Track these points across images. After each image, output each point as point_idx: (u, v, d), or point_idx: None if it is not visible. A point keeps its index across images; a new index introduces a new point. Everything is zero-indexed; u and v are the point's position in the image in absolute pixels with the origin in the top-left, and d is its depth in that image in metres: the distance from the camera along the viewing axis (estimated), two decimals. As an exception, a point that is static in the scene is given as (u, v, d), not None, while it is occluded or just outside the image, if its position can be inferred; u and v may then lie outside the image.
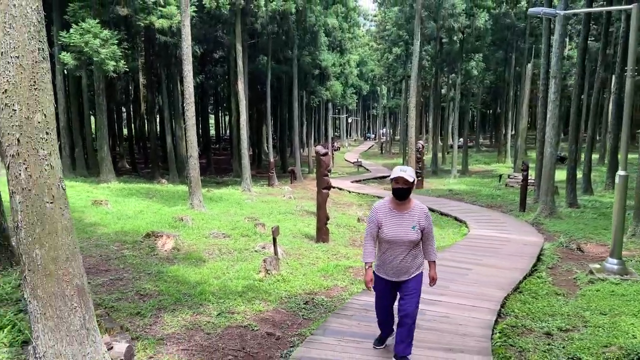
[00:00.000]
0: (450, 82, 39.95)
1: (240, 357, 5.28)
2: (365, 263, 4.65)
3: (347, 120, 76.05)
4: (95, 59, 19.38)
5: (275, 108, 46.00)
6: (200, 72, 36.78)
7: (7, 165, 3.78)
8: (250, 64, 33.91)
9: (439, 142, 45.81)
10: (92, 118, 30.90)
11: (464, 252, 10.17)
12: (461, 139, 41.53)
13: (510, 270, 8.57)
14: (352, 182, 30.97)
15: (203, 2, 21.99)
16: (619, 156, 13.11)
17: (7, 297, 6.26)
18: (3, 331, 5.27)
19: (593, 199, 20.63)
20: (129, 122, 48.61)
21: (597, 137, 34.33)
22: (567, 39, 39.44)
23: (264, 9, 22.14)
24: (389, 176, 21.34)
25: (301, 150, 41.33)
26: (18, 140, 3.68)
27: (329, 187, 12.14)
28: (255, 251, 9.77)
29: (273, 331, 5.99)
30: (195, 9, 22.05)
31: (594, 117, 20.64)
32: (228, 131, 62.61)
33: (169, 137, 30.19)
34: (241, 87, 23.15)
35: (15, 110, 3.67)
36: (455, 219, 16.05)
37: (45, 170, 3.78)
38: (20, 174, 3.71)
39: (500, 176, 29.74)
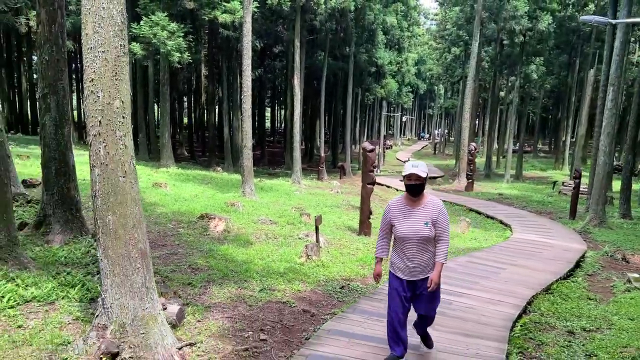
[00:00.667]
0: (509, 84, 39.16)
1: (277, 328, 5.84)
2: (376, 257, 4.70)
3: (401, 118, 75.60)
4: (162, 50, 20.58)
5: (330, 104, 46.56)
6: (259, 65, 37.84)
7: (89, 143, 4.48)
8: (308, 60, 34.61)
9: (495, 145, 45.00)
10: (156, 106, 32.54)
11: (502, 253, 10.35)
12: (517, 144, 40.69)
13: (544, 272, 8.72)
14: (401, 180, 31.09)
15: (265, 0, 22.79)
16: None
17: (77, 261, 7.10)
18: (75, 288, 6.06)
19: (651, 212, 19.97)
20: (189, 111, 50.54)
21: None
22: (637, 45, 37.81)
23: (323, 6, 22.69)
24: (439, 177, 21.78)
25: (353, 147, 41.73)
26: (100, 122, 4.37)
27: (373, 182, 12.54)
28: (299, 238, 10.34)
29: (309, 309, 6.52)
30: (258, 5, 22.87)
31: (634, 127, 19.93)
32: (283, 125, 63.80)
33: (226, 128, 31.37)
34: (297, 82, 23.84)
35: (99, 96, 4.35)
36: (501, 222, 16.06)
37: (121, 149, 4.45)
38: (100, 151, 4.40)
39: (555, 183, 29.08)
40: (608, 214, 18.72)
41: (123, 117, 4.45)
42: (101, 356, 4.21)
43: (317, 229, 9.45)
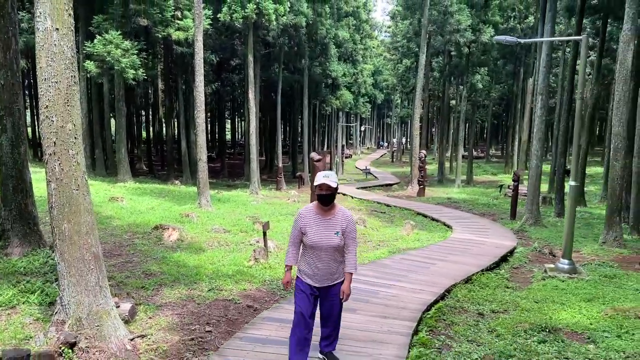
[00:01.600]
0: (458, 93, 41.01)
1: (222, 321, 6.54)
2: (286, 265, 4.75)
3: (359, 128, 77.21)
4: (116, 67, 20.99)
5: (289, 115, 47.43)
6: (216, 79, 38.40)
7: (45, 161, 5.12)
8: (265, 73, 35.43)
9: (449, 152, 46.78)
10: (113, 121, 32.56)
11: (436, 251, 11.33)
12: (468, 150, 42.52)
13: (470, 266, 9.72)
14: (358, 188, 32.14)
15: (218, 16, 23.49)
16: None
17: (36, 271, 7.63)
18: (34, 294, 6.62)
19: (584, 210, 21.53)
20: (147, 125, 50.49)
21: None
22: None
23: (275, 22, 23.57)
24: (394, 184, 23.05)
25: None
26: (54, 143, 5.02)
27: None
28: (250, 244, 11.04)
29: (252, 304, 7.25)
30: (211, 22, 23.58)
31: (588, 131, 21.54)
32: (243, 137, 64.26)
33: (183, 142, 31.76)
34: (251, 96, 24.58)
35: (53, 121, 5.01)
36: (444, 224, 17.15)
37: (74, 165, 5.11)
38: (55, 168, 5.05)
39: (501, 186, 30.65)
40: (545, 213, 20.19)
41: (75, 138, 5.12)
42: (60, 346, 4.84)
43: (264, 234, 10.18)
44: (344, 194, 27.32)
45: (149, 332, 5.87)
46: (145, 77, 23.84)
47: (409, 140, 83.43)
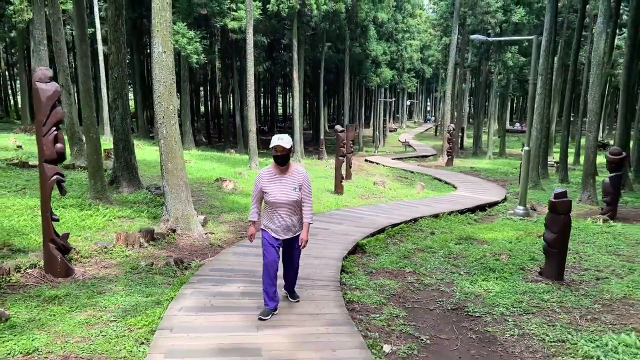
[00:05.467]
0: (491, 70, 42.93)
1: (259, 231, 10.30)
2: (250, 221, 5.24)
3: (405, 102, 79.32)
4: (182, 54, 25.04)
5: (334, 91, 50.72)
6: (267, 58, 42.13)
7: (156, 127, 8.92)
8: (311, 52, 38.81)
9: (484, 126, 48.74)
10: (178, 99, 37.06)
11: (428, 201, 14.67)
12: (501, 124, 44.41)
13: (445, 209, 13.03)
14: (393, 159, 35.27)
15: (267, 6, 27.07)
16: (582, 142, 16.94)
17: (140, 201, 11.59)
18: (143, 212, 10.57)
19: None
20: (205, 101, 55.14)
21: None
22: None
23: (316, 11, 26.83)
24: (430, 155, 27.39)
25: (355, 130, 46.03)
26: (163, 117, 8.81)
27: (343, 155, 16.84)
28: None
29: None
30: (261, 12, 27.16)
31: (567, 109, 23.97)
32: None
33: (237, 116, 35.91)
34: (295, 76, 28.16)
35: (162, 104, 8.79)
36: (453, 186, 20.27)
37: (173, 129, 8.90)
38: (163, 131, 8.85)
39: (527, 158, 32.92)
40: (550, 179, 22.86)
41: (173, 114, 8.91)
42: (167, 230, 8.70)
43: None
44: (377, 163, 30.64)
45: (215, 231, 9.70)
46: (206, 60, 27.87)
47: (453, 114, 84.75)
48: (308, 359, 4.11)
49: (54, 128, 5.94)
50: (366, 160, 31.96)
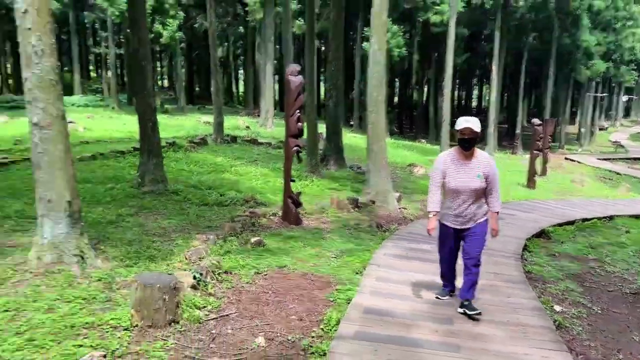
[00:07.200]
0: None
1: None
2: (430, 212, 4.81)
3: (621, 98, 70.72)
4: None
5: (536, 84, 48.01)
6: (466, 50, 41.84)
7: (367, 114, 10.51)
8: (512, 44, 37.59)
9: None
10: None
11: (635, 202, 13.94)
12: None
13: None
14: (599, 159, 32.59)
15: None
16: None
17: (344, 178, 13.44)
18: (347, 186, 12.36)
19: None
20: (399, 92, 56.84)
21: None
22: None
23: (522, 2, 26.17)
24: None
25: (564, 126, 43.17)
26: (373, 105, 10.36)
27: (539, 149, 16.69)
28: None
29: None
30: (464, 5, 27.49)
31: None
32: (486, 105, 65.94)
33: (431, 107, 36.73)
34: (495, 68, 27.92)
35: (373, 95, 10.34)
36: None
37: (381, 117, 10.39)
38: (372, 118, 10.40)
39: None
40: None
41: (382, 103, 10.41)
42: (369, 200, 10.29)
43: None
44: (578, 162, 28.82)
45: (408, 207, 11.02)
46: (406, 53, 29.26)
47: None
48: (486, 298, 5.15)
49: (298, 111, 7.83)
50: (566, 158, 30.33)
